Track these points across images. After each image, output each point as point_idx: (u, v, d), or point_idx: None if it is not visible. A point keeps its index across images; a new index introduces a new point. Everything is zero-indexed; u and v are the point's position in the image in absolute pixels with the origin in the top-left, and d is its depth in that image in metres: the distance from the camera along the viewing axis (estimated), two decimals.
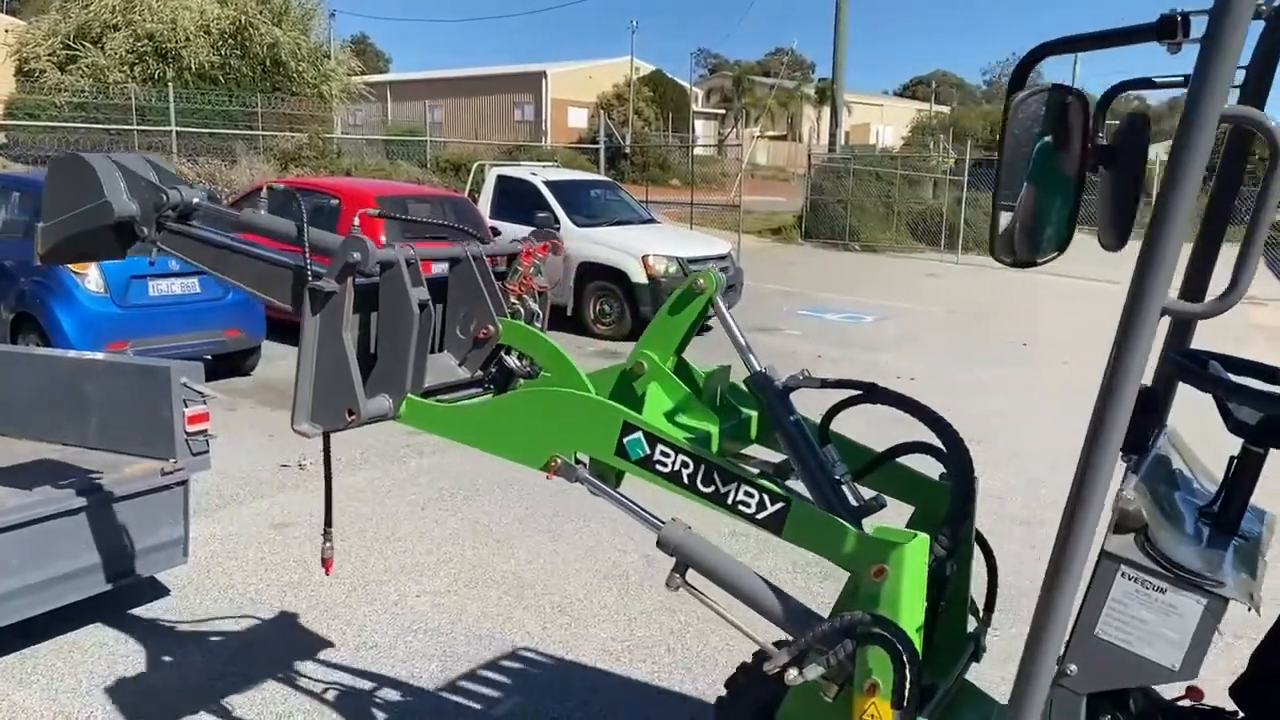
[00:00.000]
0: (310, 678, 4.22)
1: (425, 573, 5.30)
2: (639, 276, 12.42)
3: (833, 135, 31.16)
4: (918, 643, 2.10)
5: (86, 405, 4.62)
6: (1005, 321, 15.12)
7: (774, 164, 48.37)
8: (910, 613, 2.10)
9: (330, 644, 4.50)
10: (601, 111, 38.03)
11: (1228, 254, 1.99)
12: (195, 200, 2.76)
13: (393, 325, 2.48)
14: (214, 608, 4.81)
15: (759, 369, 2.50)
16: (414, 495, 6.51)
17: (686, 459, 2.30)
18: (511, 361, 2.72)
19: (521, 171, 14.88)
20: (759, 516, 2.25)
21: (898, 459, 2.54)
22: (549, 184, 14.07)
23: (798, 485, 2.38)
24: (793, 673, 2.17)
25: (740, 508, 2.26)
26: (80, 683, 4.09)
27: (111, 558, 4.31)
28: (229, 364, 9.40)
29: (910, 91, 75.81)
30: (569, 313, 12.74)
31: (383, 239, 4.62)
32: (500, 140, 36.81)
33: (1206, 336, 2.37)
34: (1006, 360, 12.00)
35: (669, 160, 38.39)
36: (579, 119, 45.55)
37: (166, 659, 4.31)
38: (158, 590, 4.92)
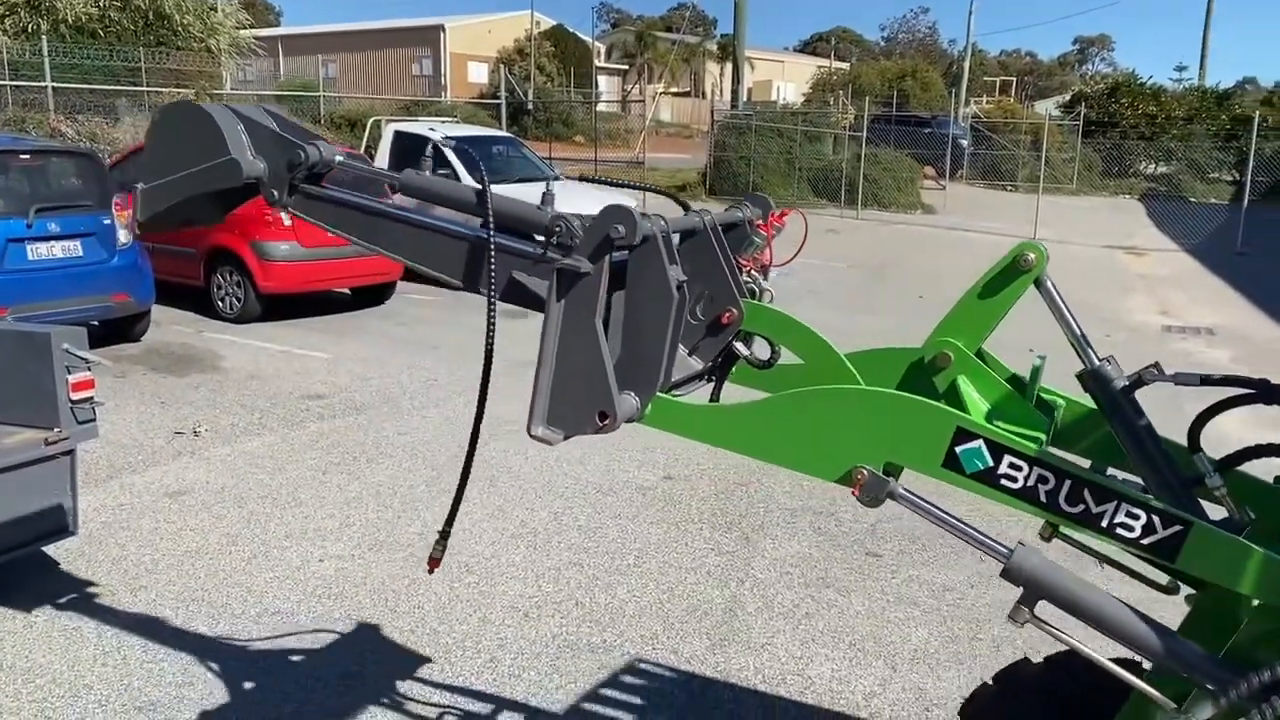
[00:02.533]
0: (210, 648, 4.13)
1: (328, 537, 5.22)
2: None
3: (735, 92, 31.23)
4: None
5: None
6: (904, 275, 15.44)
7: (678, 120, 48.31)
8: None
9: (231, 612, 4.41)
10: (502, 66, 37.38)
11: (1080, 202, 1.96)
12: (337, 158, 2.37)
13: (645, 311, 2.11)
14: (106, 580, 4.67)
15: (1096, 364, 2.14)
16: (314, 460, 6.39)
17: (1045, 473, 1.93)
18: (740, 348, 2.34)
19: (419, 127, 14.59)
20: (1145, 541, 1.91)
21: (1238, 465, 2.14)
22: (449, 139, 13.81)
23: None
24: None
25: (1120, 530, 1.92)
26: None
27: None
28: (118, 330, 9.04)
29: (811, 48, 76.31)
30: None
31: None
32: (398, 96, 35.99)
33: (1091, 285, 2.39)
34: (905, 312, 12.28)
35: (572, 116, 38.05)
36: (479, 74, 44.76)
37: (56, 635, 4.17)
38: (46, 564, 4.75)
